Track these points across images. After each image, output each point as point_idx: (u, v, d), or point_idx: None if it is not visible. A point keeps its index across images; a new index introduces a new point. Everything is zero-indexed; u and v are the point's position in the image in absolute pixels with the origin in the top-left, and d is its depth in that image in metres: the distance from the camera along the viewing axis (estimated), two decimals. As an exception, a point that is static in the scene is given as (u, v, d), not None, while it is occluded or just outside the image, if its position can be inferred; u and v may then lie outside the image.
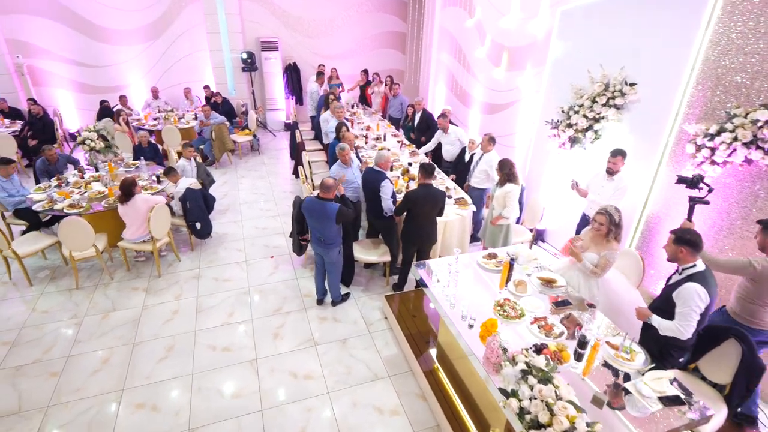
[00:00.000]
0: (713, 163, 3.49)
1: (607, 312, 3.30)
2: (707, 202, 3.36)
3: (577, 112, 4.74)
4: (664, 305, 2.83)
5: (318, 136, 8.23)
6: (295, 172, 7.01)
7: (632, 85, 4.16)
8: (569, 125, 4.88)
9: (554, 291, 3.39)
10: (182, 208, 5.05)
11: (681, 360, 2.98)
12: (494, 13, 6.86)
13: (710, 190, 3.38)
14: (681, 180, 3.48)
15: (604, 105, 4.41)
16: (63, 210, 4.72)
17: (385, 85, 8.88)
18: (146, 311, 4.32)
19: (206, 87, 9.00)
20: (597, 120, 4.55)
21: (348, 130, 5.68)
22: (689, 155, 3.71)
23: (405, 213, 4.28)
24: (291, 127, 7.72)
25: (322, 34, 10.04)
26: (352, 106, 9.14)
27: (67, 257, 4.47)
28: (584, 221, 4.43)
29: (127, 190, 4.47)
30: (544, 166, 5.67)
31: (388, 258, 4.65)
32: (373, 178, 4.47)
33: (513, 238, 4.78)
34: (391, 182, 4.57)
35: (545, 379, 2.27)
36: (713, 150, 3.46)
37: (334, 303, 4.41)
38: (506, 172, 4.40)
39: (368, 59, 10.54)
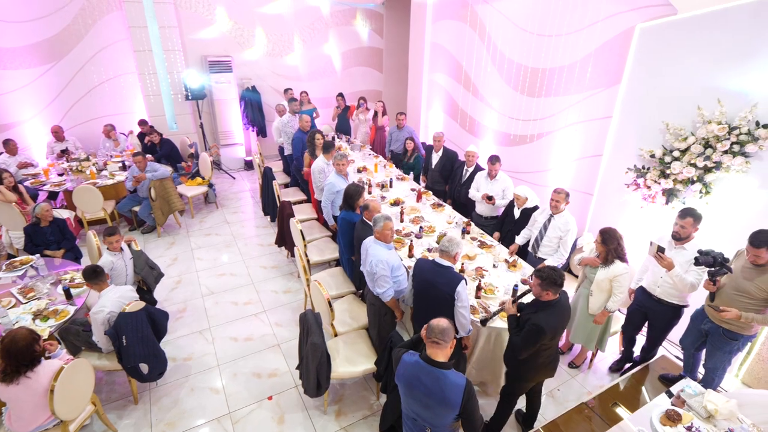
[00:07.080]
0: None
1: None
2: (730, 270, 2.84)
3: (677, 159, 3.71)
4: None
5: (296, 182, 6.39)
6: (279, 241, 5.08)
7: (766, 126, 3.19)
8: (664, 174, 3.83)
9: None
10: (114, 345, 2.97)
11: None
12: (510, 27, 5.65)
13: (728, 269, 2.85)
14: (700, 263, 2.85)
15: (725, 152, 3.41)
16: None
17: (376, 113, 7.20)
18: None
19: (142, 122, 6.74)
20: (709, 170, 3.53)
21: (366, 192, 3.96)
22: None
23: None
24: (264, 175, 5.77)
25: (284, 51, 8.20)
26: (333, 138, 7.37)
27: None
28: (639, 295, 3.52)
29: (23, 358, 2.34)
30: (616, 222, 4.34)
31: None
32: (440, 278, 2.89)
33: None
34: (466, 283, 2.93)
35: None
36: None
37: None
38: (614, 247, 3.18)
39: (340, 79, 8.92)
